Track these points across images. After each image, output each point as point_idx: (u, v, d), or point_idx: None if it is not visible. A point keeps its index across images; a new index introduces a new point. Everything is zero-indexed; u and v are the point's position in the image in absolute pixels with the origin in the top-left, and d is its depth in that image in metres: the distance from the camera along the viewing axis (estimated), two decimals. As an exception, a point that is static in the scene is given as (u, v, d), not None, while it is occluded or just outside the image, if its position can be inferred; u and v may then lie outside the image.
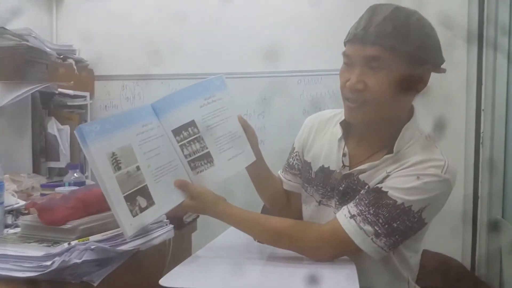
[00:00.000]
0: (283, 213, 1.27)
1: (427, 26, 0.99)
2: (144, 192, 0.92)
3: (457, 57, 2.17)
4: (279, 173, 1.31)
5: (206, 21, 2.48)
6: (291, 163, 1.26)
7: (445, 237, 2.07)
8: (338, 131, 1.13)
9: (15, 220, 1.10)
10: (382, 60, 0.95)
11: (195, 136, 1.03)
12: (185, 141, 1.02)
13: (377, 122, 1.03)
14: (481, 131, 2.18)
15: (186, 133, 1.02)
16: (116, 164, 0.88)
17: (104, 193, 0.86)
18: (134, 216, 0.89)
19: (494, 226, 2.00)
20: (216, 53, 2.46)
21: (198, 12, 2.49)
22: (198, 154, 1.03)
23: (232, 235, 1.16)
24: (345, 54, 1.02)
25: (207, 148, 1.04)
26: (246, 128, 1.13)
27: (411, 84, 0.99)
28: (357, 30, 0.98)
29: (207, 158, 1.04)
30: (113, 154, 0.88)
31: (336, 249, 0.98)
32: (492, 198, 2.05)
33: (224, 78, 1.11)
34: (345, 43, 1.03)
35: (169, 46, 2.49)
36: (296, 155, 1.25)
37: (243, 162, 1.11)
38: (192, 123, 1.03)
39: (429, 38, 0.98)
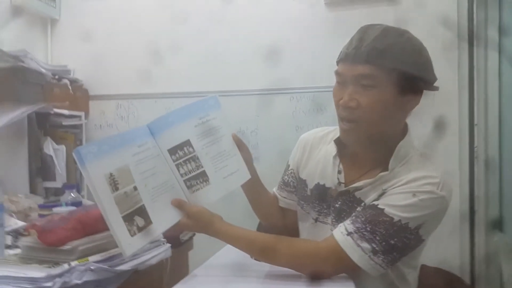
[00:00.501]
0: (279, 231, 1.28)
1: (417, 45, 1.01)
2: (141, 211, 0.93)
3: (450, 57, 2.19)
4: (274, 190, 1.32)
5: (196, 41, 2.52)
6: (286, 181, 1.28)
7: (442, 238, 2.06)
8: (333, 149, 1.14)
9: (15, 241, 1.11)
10: (373, 78, 0.97)
11: (191, 155, 1.05)
12: (180, 160, 1.04)
13: (372, 139, 1.05)
14: (475, 145, 2.19)
15: (182, 152, 1.04)
16: (113, 184, 0.89)
17: (103, 213, 0.88)
18: (132, 236, 0.90)
19: (492, 225, 2.01)
20: (208, 71, 2.49)
21: (188, 30, 2.52)
22: (194, 173, 1.05)
23: (229, 253, 1.17)
24: (337, 73, 1.04)
25: (202, 167, 1.06)
26: (241, 146, 1.14)
27: (402, 102, 1.02)
28: (349, 50, 1.01)
29: (203, 177, 1.06)
30: (111, 175, 0.89)
31: (333, 266, 0.99)
32: (489, 196, 2.04)
33: (218, 97, 1.14)
34: (337, 62, 1.06)
35: (164, 64, 2.51)
36: (291, 172, 1.26)
37: (239, 180, 1.13)
38: (187, 143, 1.05)
39: (420, 57, 1.00)
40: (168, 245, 1.13)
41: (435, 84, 1.05)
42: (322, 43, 2.37)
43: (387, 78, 0.97)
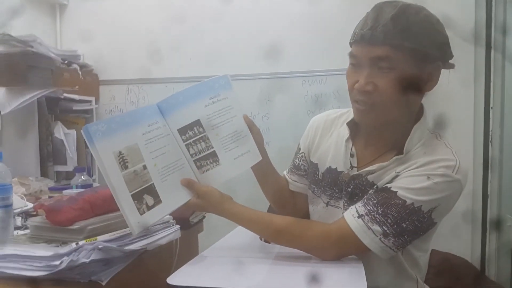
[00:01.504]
0: (289, 214, 1.27)
1: (435, 23, 0.97)
2: (151, 190, 0.93)
3: (465, 57, 2.16)
4: (285, 173, 1.30)
5: (208, 23, 2.49)
6: (296, 164, 1.26)
7: (454, 237, 2.05)
8: (345, 132, 1.11)
9: (25, 222, 1.11)
10: (391, 60, 0.93)
11: (201, 135, 1.04)
12: (190, 140, 1.03)
13: (387, 122, 1.02)
14: (490, 129, 2.16)
15: (192, 132, 1.03)
16: (123, 163, 0.89)
17: (112, 191, 0.87)
18: (141, 214, 0.90)
19: (503, 225, 1.99)
20: (219, 55, 2.47)
21: (200, 13, 2.50)
22: (204, 154, 1.04)
23: (238, 235, 1.16)
24: (351, 55, 1.00)
25: (212, 147, 1.04)
26: (252, 127, 1.12)
27: (422, 83, 0.98)
28: (364, 30, 0.95)
29: (213, 157, 1.05)
30: (120, 153, 0.89)
31: (343, 249, 0.98)
32: (501, 196, 2.03)
33: (229, 77, 1.11)
34: (351, 44, 1.01)
35: (173, 49, 2.50)
36: (302, 156, 1.24)
37: (249, 161, 1.11)
38: (197, 122, 1.04)
39: (438, 35, 0.96)
40: (178, 226, 1.12)
41: (451, 61, 1.01)
42: (334, 24, 2.33)
43: (405, 60, 0.93)
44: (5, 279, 0.83)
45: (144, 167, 0.93)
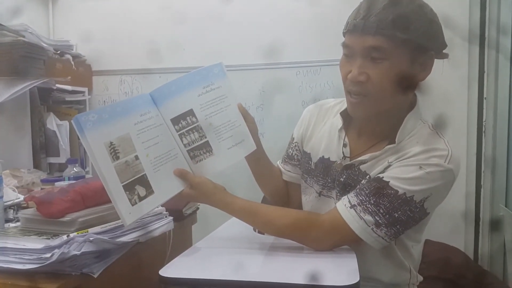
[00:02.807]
0: (283, 204, 1.27)
1: (429, 12, 0.96)
2: (143, 181, 0.92)
3: (459, 56, 2.16)
4: (278, 163, 1.30)
5: (204, 15, 2.47)
6: (290, 154, 1.26)
7: (447, 227, 2.06)
8: (339, 122, 1.11)
9: (16, 214, 1.10)
10: (384, 50, 0.93)
11: (194, 125, 1.02)
12: (183, 130, 1.02)
13: (380, 113, 1.02)
14: (484, 120, 2.17)
15: (185, 122, 1.02)
16: (114, 153, 0.88)
17: (103, 182, 0.86)
18: (133, 205, 0.89)
19: (497, 222, 2.00)
20: (214, 46, 2.45)
21: (196, 5, 2.47)
22: (197, 144, 1.03)
23: (232, 226, 1.16)
24: (344, 45, 0.99)
25: (205, 137, 1.03)
26: (246, 116, 1.11)
27: (415, 73, 0.97)
28: (357, 20, 0.95)
29: (206, 147, 1.04)
30: (111, 143, 0.88)
31: (335, 239, 0.98)
32: (494, 186, 2.04)
33: (223, 65, 1.10)
34: (344, 34, 1.01)
35: (167, 39, 2.48)
36: (295, 145, 1.24)
37: (243, 151, 1.10)
38: (190, 112, 1.02)
39: (431, 25, 0.95)
40: (171, 218, 1.11)
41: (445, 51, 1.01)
42: (328, 14, 2.31)
43: (398, 50, 0.93)
44: (-4, 272, 0.83)
45: (136, 157, 0.92)
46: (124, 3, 2.58)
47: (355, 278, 0.81)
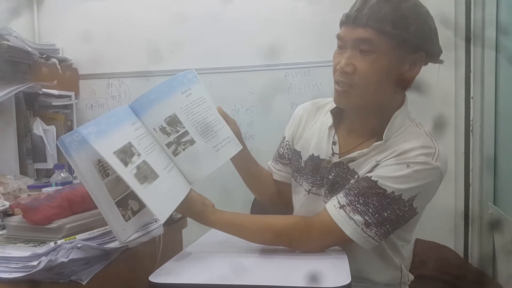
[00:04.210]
0: (273, 204, 1.27)
1: (423, 13, 0.97)
2: (135, 194, 0.90)
3: (445, 49, 2.17)
4: (269, 163, 1.30)
5: (202, 16, 2.45)
6: (281, 153, 1.25)
7: (436, 226, 2.08)
8: (329, 120, 1.12)
9: (2, 222, 1.08)
10: (373, 44, 0.94)
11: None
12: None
13: (366, 108, 1.02)
14: (471, 119, 2.19)
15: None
16: (103, 171, 0.86)
17: (95, 201, 0.85)
18: (126, 221, 0.88)
19: (487, 217, 2.01)
20: (202, 49, 2.43)
21: (193, 8, 2.46)
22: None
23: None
24: (338, 37, 1.01)
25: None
26: (227, 118, 1.10)
27: (402, 70, 0.98)
28: (351, 12, 0.97)
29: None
30: (99, 161, 0.85)
31: (326, 240, 0.98)
32: (482, 185, 2.05)
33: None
34: (340, 26, 1.02)
35: (154, 43, 2.46)
36: (286, 144, 1.24)
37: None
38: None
39: (424, 25, 0.96)
40: (160, 222, 1.10)
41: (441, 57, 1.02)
42: (317, 16, 2.32)
43: (386, 44, 0.94)
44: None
45: None
46: (112, 6, 2.55)
47: (347, 279, 0.81)
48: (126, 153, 0.85)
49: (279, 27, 2.38)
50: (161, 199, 0.88)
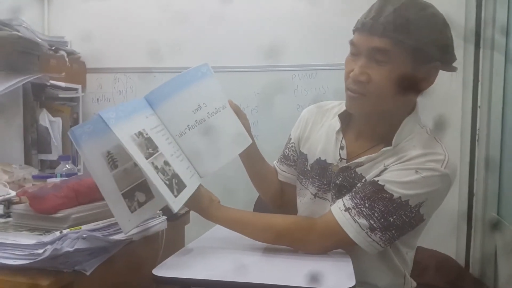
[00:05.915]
0: (277, 204, 1.27)
1: (440, 23, 0.95)
2: (142, 187, 0.91)
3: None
4: (274, 163, 1.29)
5: (203, 15, 2.46)
6: (286, 154, 1.25)
7: (439, 236, 2.07)
8: (337, 124, 1.11)
9: (7, 210, 1.08)
10: (389, 54, 0.92)
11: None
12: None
13: (377, 115, 1.01)
14: (477, 128, 2.18)
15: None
16: (112, 162, 0.87)
17: (101, 191, 0.85)
18: (132, 212, 0.88)
19: (489, 225, 2.01)
20: (209, 47, 2.44)
21: (194, 6, 2.47)
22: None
23: (225, 228, 1.15)
24: (351, 43, 0.99)
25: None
26: (238, 112, 1.09)
27: (417, 81, 0.97)
28: (367, 19, 0.95)
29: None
30: (108, 153, 0.86)
31: (329, 242, 0.97)
32: (487, 196, 2.04)
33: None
34: (353, 32, 1.00)
35: (163, 39, 2.46)
36: (292, 146, 1.24)
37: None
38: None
39: (441, 35, 0.95)
40: (164, 217, 1.10)
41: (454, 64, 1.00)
42: (325, 18, 2.32)
43: (402, 55, 0.92)
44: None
45: (135, 164, 0.89)
46: (121, 1, 2.57)
47: (351, 282, 0.81)
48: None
49: (288, 28, 2.38)
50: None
